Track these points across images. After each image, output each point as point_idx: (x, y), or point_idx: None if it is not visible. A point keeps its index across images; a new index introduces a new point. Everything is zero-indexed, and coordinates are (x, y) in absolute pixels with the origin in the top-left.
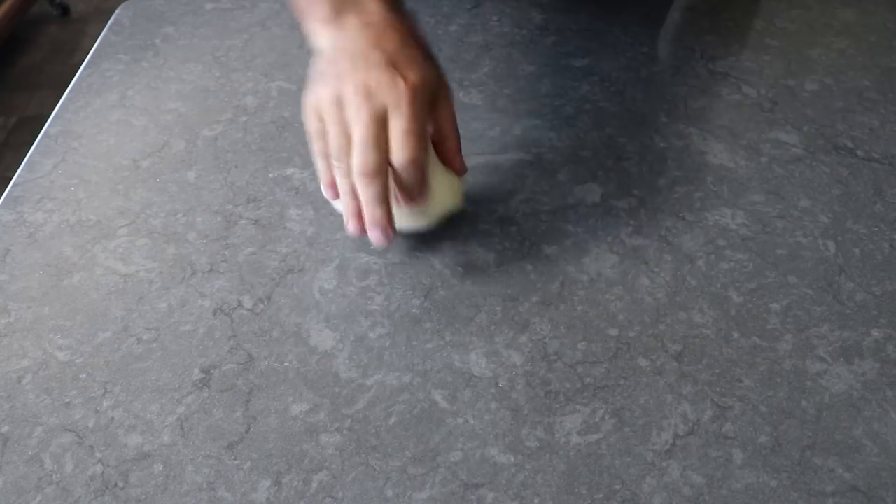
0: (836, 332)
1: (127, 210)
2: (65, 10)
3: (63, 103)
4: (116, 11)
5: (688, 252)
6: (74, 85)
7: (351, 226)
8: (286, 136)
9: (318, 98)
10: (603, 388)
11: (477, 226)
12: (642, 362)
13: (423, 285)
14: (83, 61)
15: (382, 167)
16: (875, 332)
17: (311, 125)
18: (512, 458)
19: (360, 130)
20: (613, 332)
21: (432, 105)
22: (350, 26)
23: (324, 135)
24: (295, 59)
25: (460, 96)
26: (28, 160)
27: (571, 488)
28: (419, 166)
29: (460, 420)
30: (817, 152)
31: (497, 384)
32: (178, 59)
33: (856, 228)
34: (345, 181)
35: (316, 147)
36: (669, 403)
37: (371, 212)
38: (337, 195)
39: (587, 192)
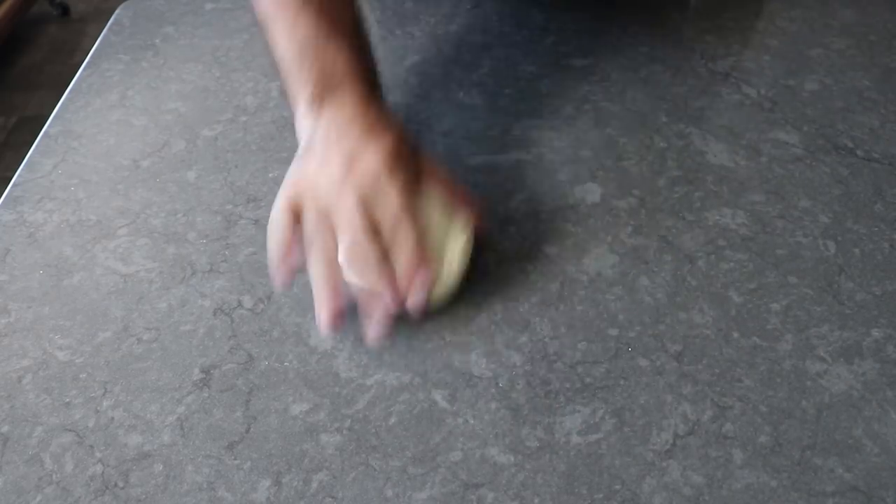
0: (836, 332)
1: (127, 210)
2: (65, 10)
3: (63, 103)
4: (116, 11)
5: (688, 252)
6: (74, 85)
7: (327, 322)
8: (286, 136)
9: (295, 188)
10: (603, 388)
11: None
12: (642, 362)
13: None
14: (83, 61)
15: (376, 249)
16: (875, 332)
17: (282, 211)
18: (512, 458)
19: (345, 217)
20: (613, 332)
21: (420, 170)
22: (328, 115)
23: (293, 219)
24: None
25: (460, 96)
26: (28, 160)
27: (571, 488)
28: (423, 248)
29: (460, 420)
30: (817, 152)
31: (497, 384)
32: (178, 59)
33: (856, 228)
34: (319, 267)
35: (280, 231)
36: (669, 403)
37: (367, 300)
38: (289, 277)
39: (587, 192)
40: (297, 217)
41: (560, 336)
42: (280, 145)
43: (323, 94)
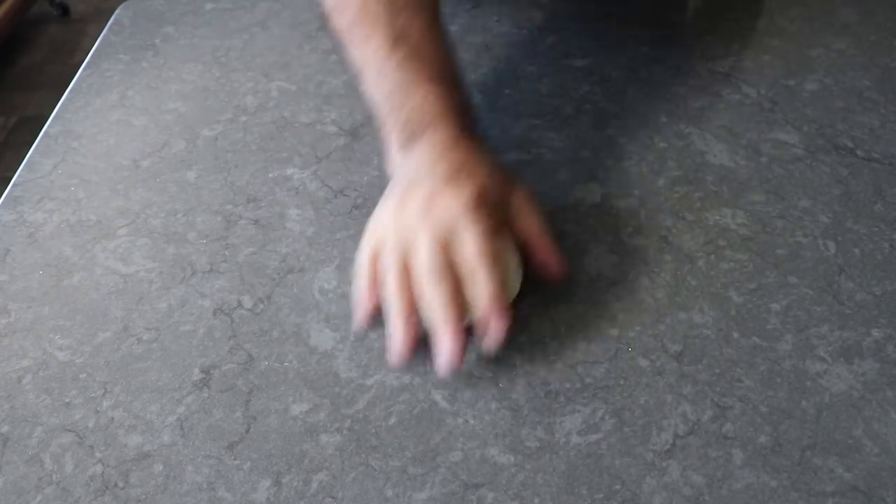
0: (836, 332)
1: (127, 210)
2: (65, 10)
3: (63, 103)
4: (116, 11)
5: (688, 252)
6: (74, 85)
7: (398, 353)
8: (286, 136)
9: (379, 223)
10: (603, 388)
11: None
12: (642, 362)
13: None
14: (83, 61)
15: (454, 294)
16: (875, 332)
17: (366, 255)
18: (512, 458)
19: (426, 251)
20: (613, 332)
21: (508, 212)
22: (416, 156)
23: (376, 258)
24: (295, 59)
25: None
26: (28, 160)
27: (571, 488)
28: (500, 296)
29: (460, 420)
30: (817, 152)
31: (497, 384)
32: (178, 59)
33: (856, 228)
34: (401, 302)
35: (365, 275)
36: (669, 403)
37: (443, 341)
38: (371, 317)
39: (587, 192)
40: (377, 255)
41: (560, 336)
42: (280, 145)
43: (413, 134)
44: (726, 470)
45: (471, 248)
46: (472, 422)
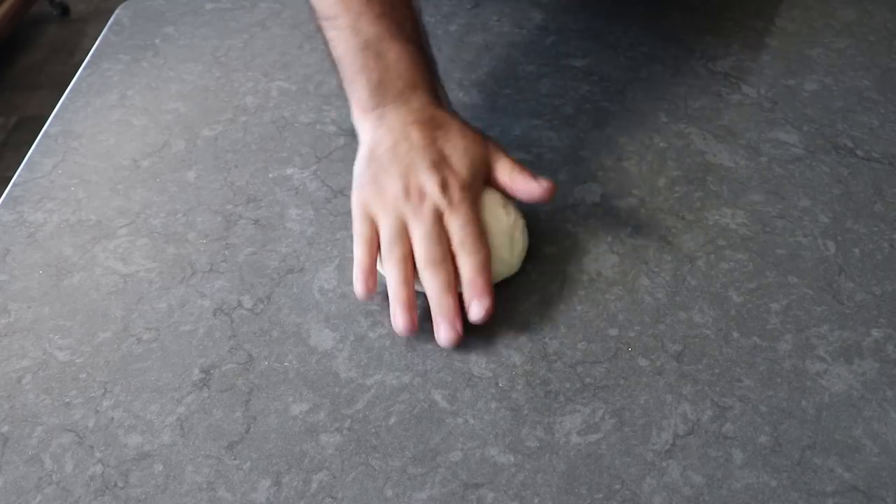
0: (836, 332)
1: (127, 210)
2: (65, 10)
3: (63, 103)
4: (116, 11)
5: (688, 252)
6: (74, 85)
7: (401, 319)
8: (286, 136)
9: (367, 195)
10: (603, 388)
11: None
12: (642, 362)
13: None
14: (83, 61)
15: (448, 256)
16: (875, 332)
17: (359, 222)
18: (512, 458)
19: (420, 225)
20: (613, 332)
21: (488, 168)
22: (391, 119)
23: (370, 228)
24: (295, 59)
25: (460, 96)
26: (28, 160)
27: (571, 488)
28: (486, 264)
29: (460, 420)
30: (817, 152)
31: (497, 384)
32: (178, 59)
33: (856, 228)
34: (398, 269)
35: (361, 237)
36: (669, 403)
37: (439, 301)
38: (373, 285)
39: (587, 192)
40: (372, 221)
41: (560, 336)
42: (280, 145)
43: (384, 98)
44: (726, 470)
45: (458, 221)
46: (472, 422)
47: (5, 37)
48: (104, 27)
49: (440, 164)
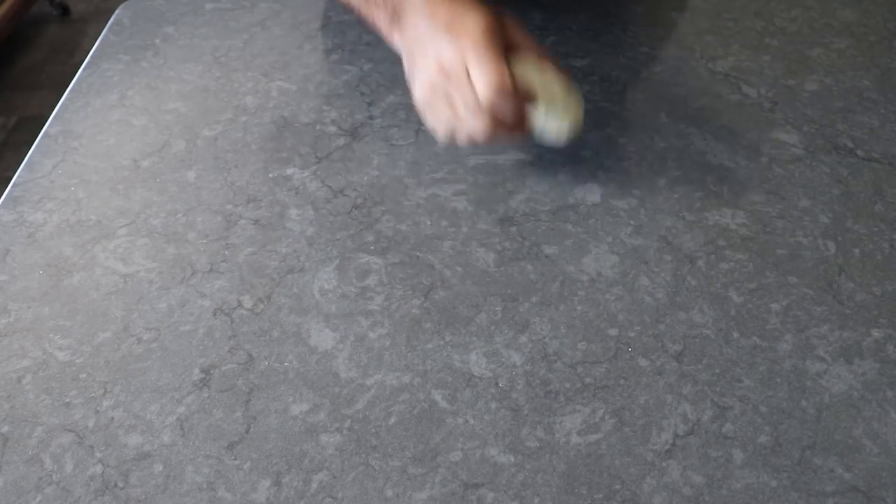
0: (836, 332)
1: (127, 210)
2: (65, 10)
3: (63, 103)
4: (116, 11)
5: (688, 252)
6: (74, 85)
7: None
8: (286, 136)
9: (424, 79)
10: (603, 388)
11: (477, 226)
12: (642, 362)
13: (423, 285)
14: (83, 61)
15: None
16: (875, 332)
17: (426, 92)
18: (512, 458)
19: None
20: (613, 332)
21: (513, 38)
22: (408, 25)
23: (440, 96)
24: (295, 59)
25: None
26: (28, 160)
27: (571, 488)
28: (509, 92)
29: (460, 420)
30: (817, 152)
31: (497, 384)
32: (178, 59)
33: (856, 228)
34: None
35: (433, 104)
36: (669, 403)
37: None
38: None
39: (587, 192)
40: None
41: (560, 336)
42: (280, 145)
43: (396, 9)
44: (726, 470)
45: (490, 73)
46: (472, 422)
47: (5, 37)
48: (104, 27)
49: (456, 39)
